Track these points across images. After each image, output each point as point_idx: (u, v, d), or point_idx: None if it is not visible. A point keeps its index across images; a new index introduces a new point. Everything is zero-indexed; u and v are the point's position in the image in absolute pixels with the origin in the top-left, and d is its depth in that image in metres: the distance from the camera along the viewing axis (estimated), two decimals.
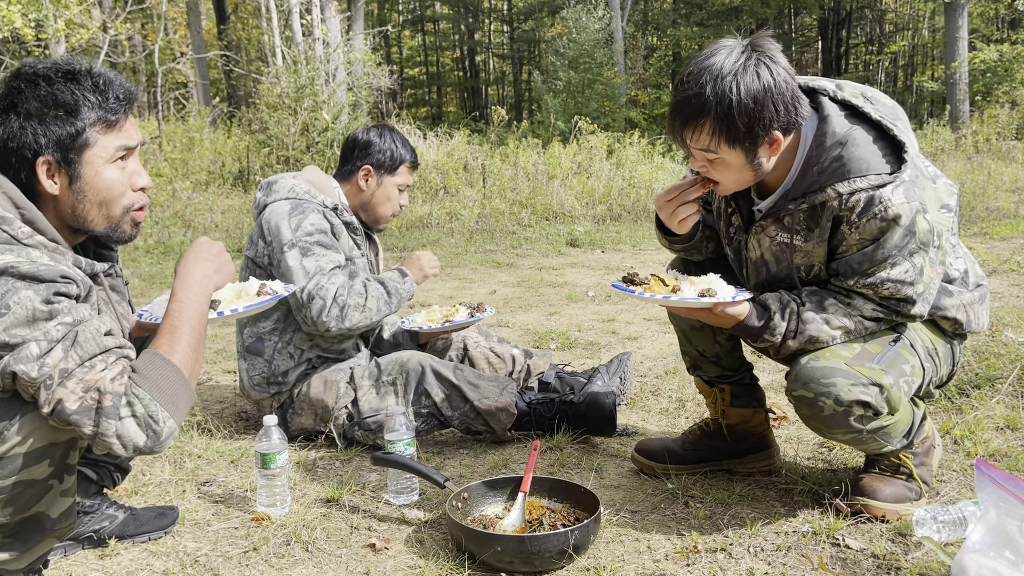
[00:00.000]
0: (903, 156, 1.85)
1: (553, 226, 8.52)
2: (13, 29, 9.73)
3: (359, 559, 1.95)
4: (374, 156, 2.81)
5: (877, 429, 1.92)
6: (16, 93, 1.54)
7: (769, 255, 2.04)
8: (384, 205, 2.86)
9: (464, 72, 36.60)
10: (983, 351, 3.22)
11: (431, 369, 2.68)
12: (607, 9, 19.10)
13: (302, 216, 2.63)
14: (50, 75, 1.55)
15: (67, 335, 1.44)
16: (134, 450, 1.47)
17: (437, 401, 2.66)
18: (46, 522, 1.55)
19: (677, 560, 1.90)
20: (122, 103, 1.60)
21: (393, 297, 2.69)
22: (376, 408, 2.65)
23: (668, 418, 2.95)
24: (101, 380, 1.44)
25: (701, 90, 1.78)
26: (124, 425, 1.45)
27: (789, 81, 1.81)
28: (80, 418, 1.42)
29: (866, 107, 1.90)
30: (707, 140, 1.83)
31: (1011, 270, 5.46)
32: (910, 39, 29.43)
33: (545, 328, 4.41)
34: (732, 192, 2.00)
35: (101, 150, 1.58)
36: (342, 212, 2.76)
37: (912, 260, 1.86)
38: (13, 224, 1.49)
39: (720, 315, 1.95)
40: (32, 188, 1.56)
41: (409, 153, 2.86)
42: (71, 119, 1.54)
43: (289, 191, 2.69)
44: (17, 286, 1.41)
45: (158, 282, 5.90)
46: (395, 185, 2.85)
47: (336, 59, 12.08)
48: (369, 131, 2.87)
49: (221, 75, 22.62)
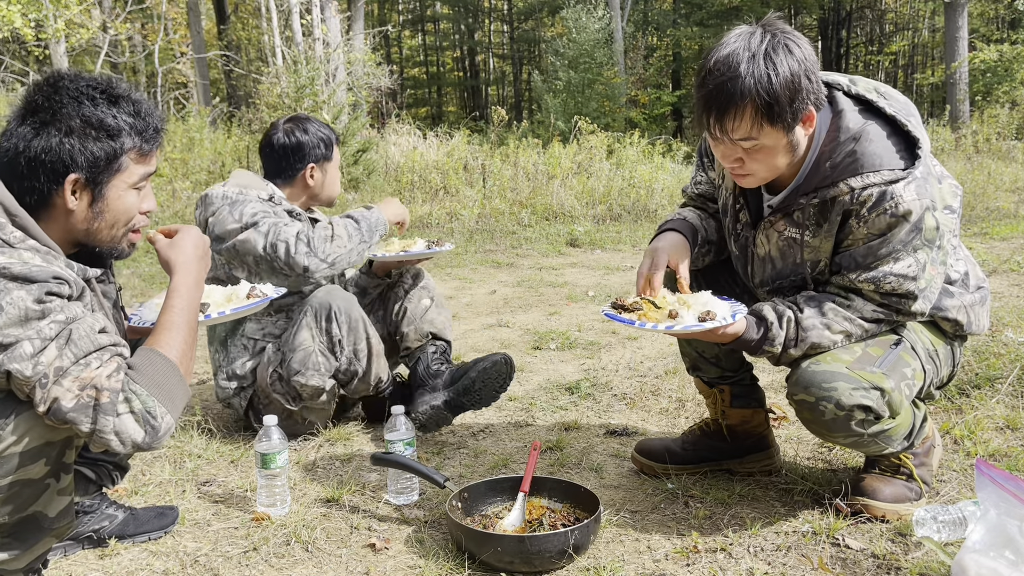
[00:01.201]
0: (917, 152, 1.84)
1: (553, 226, 8.52)
2: (13, 29, 9.73)
3: (359, 559, 1.95)
4: (307, 151, 2.79)
5: (878, 433, 1.92)
6: (59, 108, 1.55)
7: (776, 251, 2.03)
8: (333, 186, 2.88)
9: (464, 72, 36.61)
10: (983, 351, 3.22)
11: (336, 307, 2.62)
12: (607, 9, 19.11)
13: (242, 207, 2.62)
14: (94, 95, 1.58)
15: (60, 333, 1.44)
16: (132, 446, 1.47)
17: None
18: (44, 521, 1.55)
19: (677, 560, 1.90)
20: (158, 134, 1.65)
21: (362, 223, 2.65)
22: (292, 347, 2.62)
23: (668, 418, 2.95)
24: (97, 377, 1.45)
25: (735, 74, 1.74)
26: (122, 421, 1.45)
27: (814, 55, 1.80)
28: (77, 416, 1.43)
29: (880, 102, 1.89)
30: (748, 125, 1.77)
31: (1011, 270, 5.46)
32: (910, 39, 29.45)
33: (545, 328, 4.41)
34: (761, 183, 1.95)
35: (129, 176, 1.63)
36: (280, 200, 2.74)
37: (916, 256, 1.85)
38: (5, 228, 1.50)
39: (720, 335, 1.94)
40: (48, 199, 1.58)
41: (329, 131, 2.85)
42: (111, 143, 1.58)
43: (223, 198, 2.67)
44: (9, 287, 1.41)
45: (157, 282, 5.89)
46: (336, 165, 2.87)
47: (336, 59, 12.09)
48: (290, 132, 2.79)
49: (221, 75, 22.62)
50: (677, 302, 1.96)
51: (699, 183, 2.29)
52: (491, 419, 3.00)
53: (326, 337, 2.61)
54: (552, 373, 3.57)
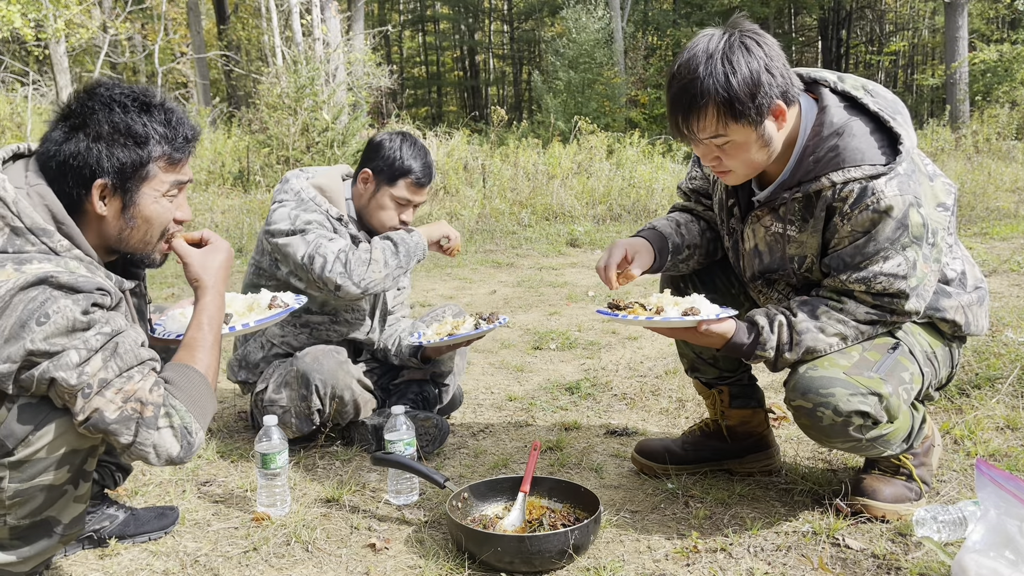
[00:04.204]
0: (899, 148, 1.85)
1: (553, 226, 8.52)
2: (13, 29, 9.73)
3: (359, 559, 1.95)
4: (376, 160, 2.66)
5: (877, 437, 1.91)
6: (90, 114, 1.57)
7: (763, 245, 2.04)
8: (377, 215, 2.67)
9: (464, 72, 36.60)
10: (983, 351, 3.22)
11: (318, 381, 2.56)
12: (607, 9, 19.11)
13: (303, 212, 2.60)
14: (126, 103, 1.59)
15: (106, 345, 1.46)
16: (167, 460, 1.51)
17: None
18: (56, 527, 1.56)
19: (677, 560, 1.90)
20: (188, 143, 1.66)
21: (400, 248, 2.55)
22: (271, 399, 2.61)
23: (668, 418, 2.95)
24: (140, 390, 1.48)
25: (695, 75, 1.78)
26: (161, 435, 1.49)
27: (777, 51, 1.82)
28: (119, 427, 1.45)
29: (865, 99, 1.90)
30: (713, 124, 1.81)
31: (1011, 270, 5.46)
32: (910, 39, 29.44)
33: (545, 328, 4.41)
34: (744, 180, 1.97)
35: (159, 184, 1.63)
36: (347, 223, 2.67)
37: (905, 254, 1.85)
38: (53, 236, 1.53)
39: (706, 334, 1.94)
40: (79, 205, 1.59)
41: (418, 168, 2.64)
42: (138, 150, 1.59)
43: (295, 195, 2.65)
44: (56, 295, 1.43)
45: (158, 282, 5.89)
46: (391, 196, 2.64)
47: (336, 59, 12.08)
48: (388, 135, 2.71)
49: (221, 75, 22.63)
50: (671, 304, 1.98)
51: (693, 178, 2.31)
52: (491, 419, 3.00)
53: (304, 404, 2.57)
54: (552, 373, 3.57)
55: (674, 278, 2.31)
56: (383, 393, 2.90)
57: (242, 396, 3.19)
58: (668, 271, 2.25)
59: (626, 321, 1.94)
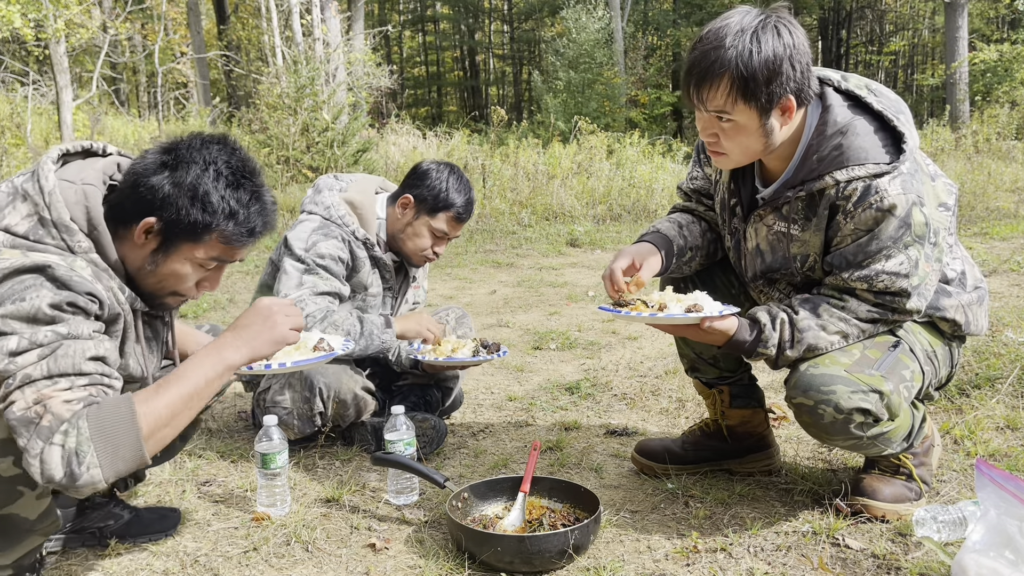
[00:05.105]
0: (903, 148, 1.85)
1: (553, 226, 8.52)
2: (13, 29, 9.72)
3: (359, 559, 1.95)
4: (420, 189, 2.66)
5: (877, 435, 1.92)
6: (187, 161, 1.58)
7: (765, 244, 2.04)
8: (411, 241, 2.70)
9: (464, 72, 36.61)
10: (983, 351, 3.22)
11: (322, 385, 2.56)
12: (607, 9, 19.11)
13: (323, 239, 2.59)
14: (222, 169, 1.59)
15: (51, 343, 1.42)
16: (47, 480, 1.38)
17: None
18: (24, 523, 1.56)
19: (677, 560, 1.90)
20: (250, 235, 1.65)
21: (363, 339, 2.54)
22: (274, 401, 2.60)
23: (668, 418, 2.95)
24: (54, 399, 1.39)
25: (720, 44, 1.76)
26: (50, 451, 1.36)
27: (806, 45, 1.81)
28: (19, 427, 1.39)
29: (869, 98, 1.90)
30: (723, 98, 1.79)
31: (1011, 270, 5.46)
32: (910, 39, 29.45)
33: (545, 328, 4.41)
34: (736, 166, 1.97)
35: (200, 251, 1.63)
36: (372, 247, 2.66)
37: (907, 253, 1.85)
38: (75, 236, 1.53)
39: (709, 331, 1.94)
40: (128, 225, 1.60)
41: (461, 203, 2.67)
42: (200, 216, 1.58)
43: (326, 209, 2.64)
44: (41, 283, 1.42)
45: None
46: (428, 226, 2.67)
47: (336, 59, 12.08)
48: (435, 164, 2.72)
49: (221, 75, 22.62)
50: (670, 300, 1.98)
51: (694, 178, 2.30)
52: (491, 419, 3.00)
53: (306, 406, 2.57)
54: (552, 373, 3.57)
55: (674, 278, 2.31)
56: (385, 395, 2.90)
57: (242, 396, 3.20)
58: (670, 274, 2.25)
59: (629, 318, 1.94)
